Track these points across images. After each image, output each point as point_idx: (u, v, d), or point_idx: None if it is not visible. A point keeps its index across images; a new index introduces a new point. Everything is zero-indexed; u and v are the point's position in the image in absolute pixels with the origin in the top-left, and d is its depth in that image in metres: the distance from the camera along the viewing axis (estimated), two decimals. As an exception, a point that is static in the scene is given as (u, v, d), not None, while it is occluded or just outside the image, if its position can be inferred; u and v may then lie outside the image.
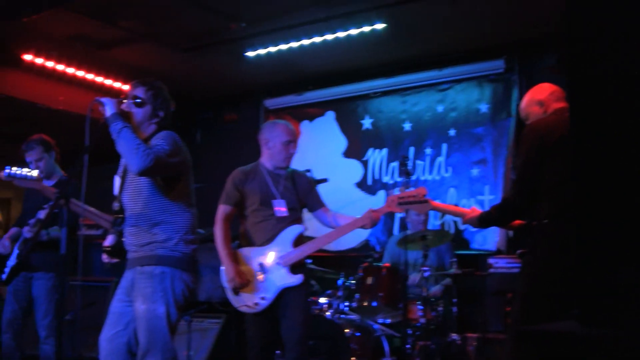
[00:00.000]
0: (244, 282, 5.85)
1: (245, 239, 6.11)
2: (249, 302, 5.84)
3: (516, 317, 4.73)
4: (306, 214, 6.29)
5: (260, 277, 5.90)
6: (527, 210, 4.82)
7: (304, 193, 6.24)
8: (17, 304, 7.07)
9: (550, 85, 5.08)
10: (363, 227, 5.96)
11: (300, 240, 6.04)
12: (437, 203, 5.75)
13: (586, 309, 2.22)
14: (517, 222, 5.19)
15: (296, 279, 5.88)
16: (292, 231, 5.99)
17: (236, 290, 5.87)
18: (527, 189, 4.72)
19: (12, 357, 7.04)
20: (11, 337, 7.07)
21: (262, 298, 5.83)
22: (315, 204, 6.28)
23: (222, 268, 5.91)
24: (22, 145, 7.04)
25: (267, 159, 6.22)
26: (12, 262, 7.02)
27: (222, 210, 6.04)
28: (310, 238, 6.08)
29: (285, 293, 5.88)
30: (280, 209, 6.02)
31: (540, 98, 5.04)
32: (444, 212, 7.80)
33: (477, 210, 5.27)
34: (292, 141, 6.19)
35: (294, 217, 6.11)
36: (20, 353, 7.09)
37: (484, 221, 5.16)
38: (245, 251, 6.02)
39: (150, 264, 4.70)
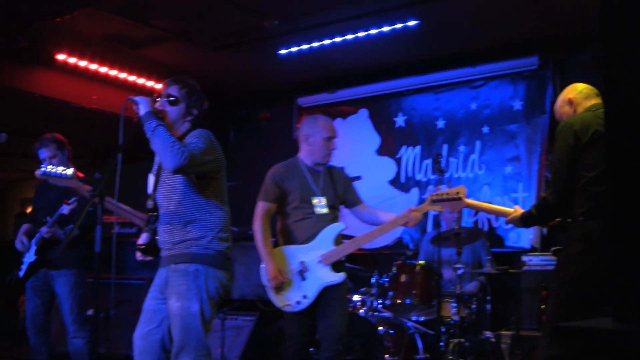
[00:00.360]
0: (285, 281, 5.84)
1: (284, 237, 6.08)
2: (291, 301, 5.82)
3: (551, 314, 4.72)
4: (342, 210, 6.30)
5: (302, 275, 5.88)
6: (564, 207, 4.81)
7: (342, 189, 6.23)
8: (39, 299, 7.13)
9: (581, 84, 5.09)
10: (405, 225, 5.97)
11: (339, 238, 6.03)
12: (470, 201, 5.72)
13: (620, 306, 2.20)
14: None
15: (338, 277, 5.90)
16: (333, 229, 5.98)
17: (277, 289, 5.85)
18: (564, 187, 4.72)
19: (39, 353, 7.10)
20: (36, 333, 7.13)
21: (304, 297, 5.82)
22: (354, 200, 6.29)
23: (262, 266, 5.90)
24: (35, 143, 7.11)
25: (307, 155, 6.18)
26: (29, 258, 7.08)
27: (261, 206, 6.01)
28: (347, 236, 6.09)
29: (325, 292, 5.86)
30: (321, 206, 6.00)
31: (569, 97, 5.06)
32: (477, 209, 7.75)
33: (519, 209, 5.26)
34: (332, 137, 6.17)
35: (333, 215, 6.11)
36: (48, 349, 7.13)
37: (525, 220, 5.15)
38: (286, 249, 5.99)
39: (185, 262, 4.71)
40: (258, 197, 6.04)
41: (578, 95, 5.02)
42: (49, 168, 5.45)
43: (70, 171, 5.47)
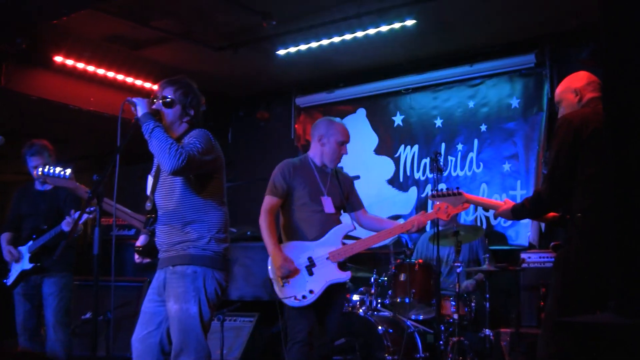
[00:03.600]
0: (292, 270, 5.85)
1: (291, 233, 6.10)
2: (297, 294, 5.82)
3: (551, 309, 4.72)
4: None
5: (309, 270, 5.90)
6: (560, 203, 4.82)
7: (347, 193, 6.29)
8: (30, 303, 7.17)
9: (589, 74, 5.03)
10: (408, 231, 6.01)
11: (347, 237, 6.09)
12: (470, 195, 5.71)
13: (622, 300, 2.21)
14: (551, 214, 5.17)
15: (345, 275, 5.94)
16: (343, 229, 6.03)
17: (283, 282, 5.87)
18: (560, 182, 4.70)
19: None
20: (27, 339, 7.14)
21: (311, 291, 5.82)
22: (357, 204, 6.36)
23: (269, 260, 5.91)
24: (24, 147, 7.14)
25: (317, 155, 6.23)
26: (23, 266, 7.11)
27: (268, 201, 6.03)
28: (353, 237, 6.12)
29: (329, 290, 5.90)
30: (328, 206, 6.05)
31: (576, 86, 4.98)
32: (477, 204, 7.77)
33: (510, 202, 5.22)
34: (346, 142, 6.23)
35: (339, 216, 6.17)
36: (42, 352, 7.15)
37: (517, 213, 5.12)
38: (294, 244, 6.01)
39: (183, 264, 4.71)
40: (266, 191, 6.06)
41: (587, 86, 4.96)
42: (47, 168, 5.45)
43: (68, 171, 5.48)
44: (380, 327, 7.21)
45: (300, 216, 6.05)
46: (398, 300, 7.59)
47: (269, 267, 5.93)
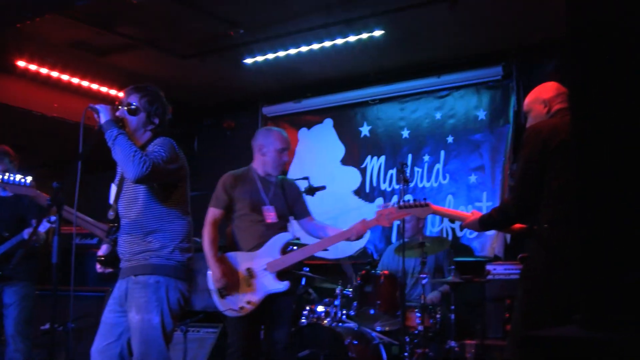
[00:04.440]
0: (231, 284, 5.93)
1: (233, 244, 6.21)
2: (235, 305, 5.94)
3: (516, 324, 4.70)
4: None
5: (248, 281, 6.00)
6: (527, 213, 4.78)
7: (292, 201, 6.38)
8: None
9: (558, 85, 5.01)
10: (348, 239, 6.03)
11: (287, 247, 6.17)
12: (437, 207, 5.69)
13: (589, 313, 2.19)
14: (518, 226, 5.14)
15: (283, 286, 6.00)
16: (281, 238, 6.11)
17: (222, 293, 5.96)
18: (527, 193, 4.66)
19: None
20: None
21: (248, 302, 5.94)
22: (302, 212, 6.44)
23: (209, 271, 6.00)
24: None
25: (260, 165, 6.32)
26: None
27: (211, 213, 6.14)
28: (304, 245, 6.16)
29: (273, 300, 6.00)
30: (270, 215, 6.14)
31: (545, 97, 4.95)
32: (444, 216, 7.77)
33: (477, 213, 5.21)
34: (286, 149, 6.33)
35: (282, 225, 6.25)
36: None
37: (484, 224, 5.08)
38: (234, 255, 6.12)
39: (145, 273, 4.66)
40: (209, 204, 6.18)
41: (555, 98, 4.93)
42: (7, 176, 5.37)
43: (29, 179, 5.41)
44: (345, 339, 7.17)
45: (242, 226, 6.18)
46: (363, 311, 7.56)
47: (208, 279, 6.01)
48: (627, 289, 2.12)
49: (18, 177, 5.37)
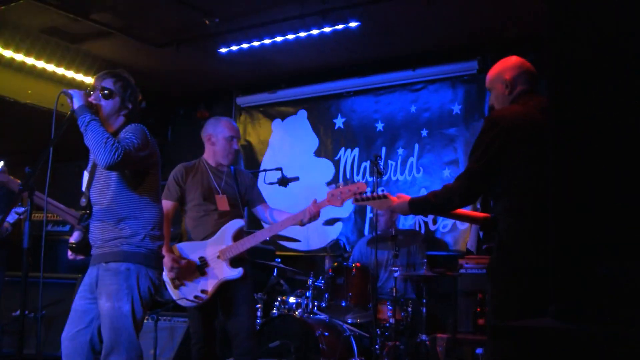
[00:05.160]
0: (183, 274, 5.97)
1: (186, 234, 6.26)
2: (189, 295, 5.96)
3: (490, 314, 4.66)
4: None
5: (201, 270, 6.03)
6: (470, 202, 4.77)
7: (245, 189, 6.43)
8: None
9: (522, 62, 4.84)
10: (301, 222, 6.01)
11: (240, 234, 6.18)
12: (393, 198, 5.15)
13: (561, 304, 2.19)
14: (481, 214, 5.08)
15: (236, 273, 6.02)
16: (232, 226, 6.15)
17: (175, 283, 5.98)
18: (478, 183, 4.54)
19: None
20: None
21: (203, 291, 5.96)
22: (256, 200, 6.49)
23: None
24: None
25: (210, 155, 6.39)
26: None
27: (163, 205, 6.04)
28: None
29: (229, 288, 6.03)
30: (222, 204, 6.18)
31: (506, 77, 4.74)
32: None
33: (404, 196, 4.98)
34: (234, 137, 6.38)
35: (236, 213, 6.27)
36: None
37: (416, 207, 4.93)
38: (186, 245, 6.16)
39: (116, 261, 4.64)
40: (161, 196, 6.10)
41: (517, 77, 4.73)
42: None
43: (1, 164, 5.38)
44: (316, 330, 7.17)
45: (194, 216, 6.21)
46: (334, 303, 7.56)
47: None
48: (600, 280, 2.12)
49: (-14, 163, 5.34)
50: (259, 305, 7.76)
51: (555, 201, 2.25)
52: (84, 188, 4.92)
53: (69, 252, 4.91)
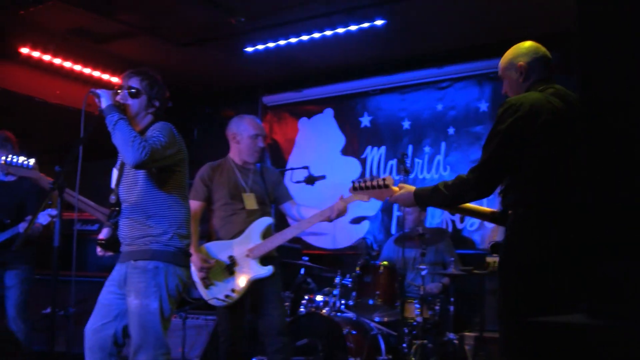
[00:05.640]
0: (213, 273, 6.01)
1: (214, 233, 6.25)
2: (220, 294, 5.99)
3: (508, 309, 4.37)
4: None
5: (230, 270, 6.05)
6: (486, 195, 4.41)
7: (272, 187, 6.42)
8: None
9: (536, 47, 4.59)
10: (328, 219, 5.97)
11: (269, 232, 6.20)
12: (395, 188, 4.84)
13: (595, 300, 2.18)
14: (488, 210, 4.87)
15: (266, 271, 6.03)
16: (261, 224, 6.16)
17: (205, 283, 6.01)
18: (495, 174, 4.32)
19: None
20: None
21: (233, 290, 5.98)
22: (283, 197, 6.47)
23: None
24: None
25: (236, 154, 6.39)
26: None
27: (191, 205, 6.05)
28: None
29: (259, 286, 6.03)
30: (250, 202, 6.17)
31: (520, 64, 4.53)
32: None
33: (408, 186, 4.69)
34: (259, 135, 6.36)
35: (264, 211, 6.27)
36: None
37: (423, 199, 4.62)
38: (214, 245, 6.17)
39: (144, 259, 4.66)
40: (189, 196, 6.10)
41: (530, 64, 4.50)
42: (10, 158, 5.37)
43: (32, 161, 5.43)
44: (343, 329, 7.16)
45: (222, 216, 6.21)
46: (362, 301, 7.55)
47: (192, 270, 5.99)
48: (633, 277, 2.11)
49: (21, 159, 5.38)
50: (286, 304, 7.77)
51: (592, 199, 2.23)
52: (113, 185, 4.95)
53: (98, 249, 4.93)
